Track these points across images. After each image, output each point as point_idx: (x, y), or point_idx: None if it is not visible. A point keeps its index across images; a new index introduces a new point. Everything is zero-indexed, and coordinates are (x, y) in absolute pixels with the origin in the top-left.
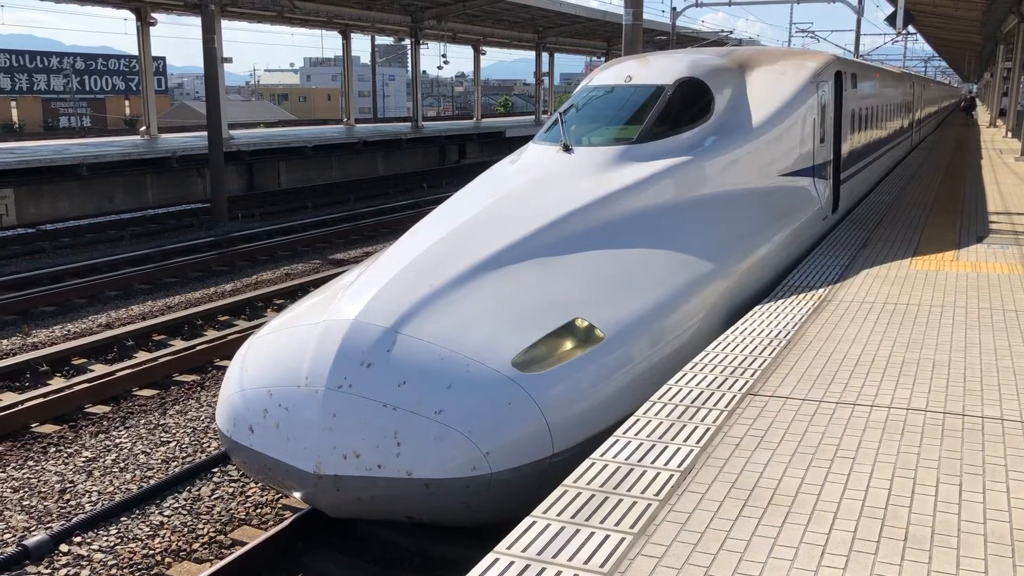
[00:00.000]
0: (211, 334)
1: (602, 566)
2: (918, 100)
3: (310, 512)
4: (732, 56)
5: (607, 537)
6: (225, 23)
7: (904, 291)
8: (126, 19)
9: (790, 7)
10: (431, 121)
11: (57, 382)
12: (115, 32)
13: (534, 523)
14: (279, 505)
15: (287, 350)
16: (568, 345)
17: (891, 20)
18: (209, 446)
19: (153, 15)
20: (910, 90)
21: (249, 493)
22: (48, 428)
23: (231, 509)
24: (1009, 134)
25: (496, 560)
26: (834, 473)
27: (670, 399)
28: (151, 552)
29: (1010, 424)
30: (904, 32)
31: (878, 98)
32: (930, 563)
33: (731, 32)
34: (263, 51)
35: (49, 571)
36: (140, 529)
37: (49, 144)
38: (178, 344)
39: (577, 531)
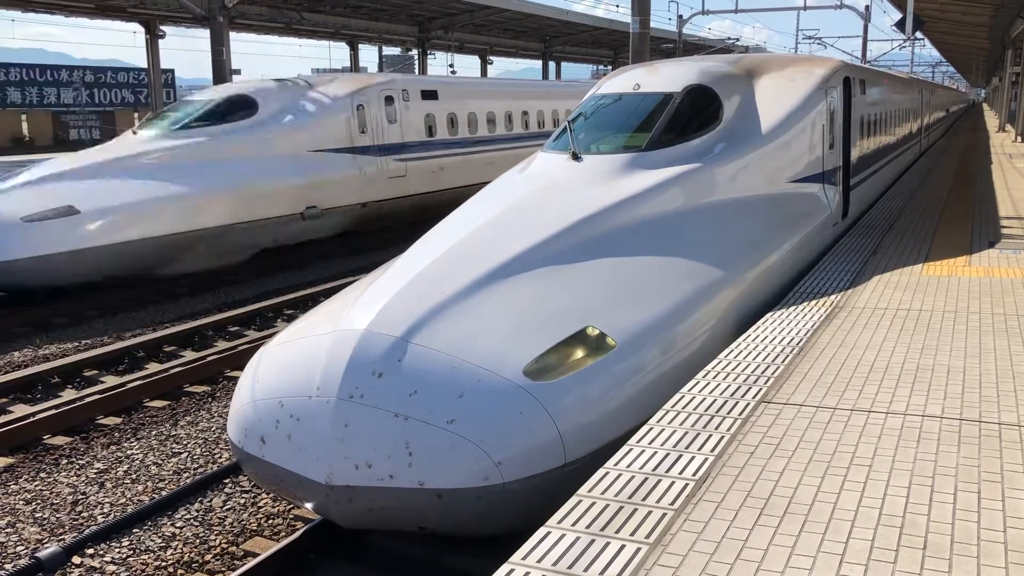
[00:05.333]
0: (222, 345)
1: None
2: (926, 105)
3: (322, 523)
4: (740, 63)
5: (623, 547)
6: (233, 35)
7: (916, 297)
8: (135, 32)
9: (797, 14)
10: None
11: (68, 394)
12: (124, 45)
13: (549, 533)
14: (291, 516)
15: (298, 360)
16: (579, 353)
17: (900, 25)
18: (221, 457)
19: (162, 28)
20: (918, 96)
21: (261, 504)
22: (60, 440)
23: (243, 520)
24: (1019, 139)
25: (511, 571)
26: (850, 481)
27: (683, 407)
28: (163, 564)
29: None
30: (912, 38)
31: (887, 104)
32: (950, 572)
33: (738, 39)
34: (271, 62)
35: None
36: (152, 540)
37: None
38: (189, 355)
39: (593, 541)
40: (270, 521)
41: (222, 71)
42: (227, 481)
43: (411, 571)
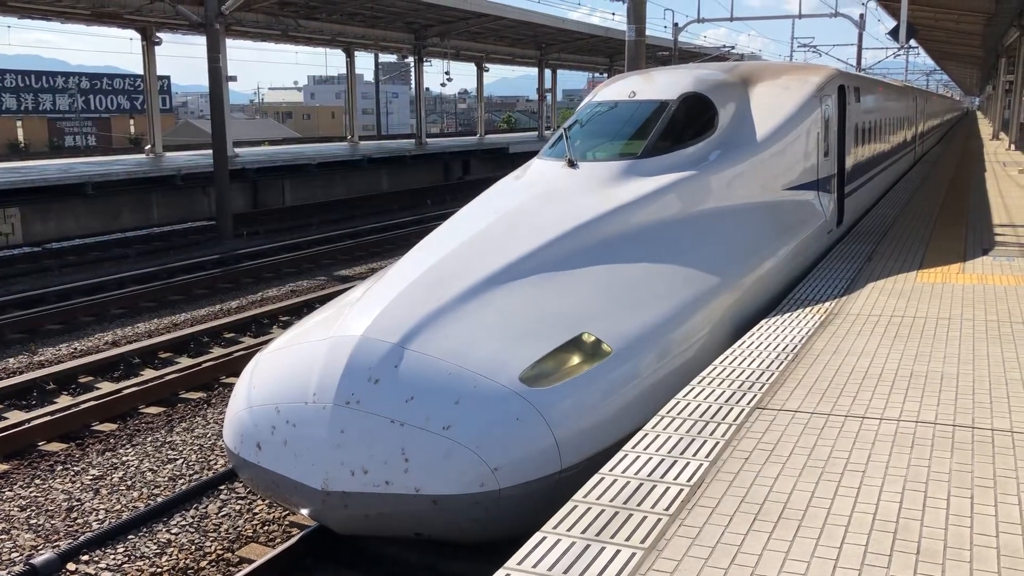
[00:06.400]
0: (217, 351)
1: None
2: (921, 113)
3: (318, 529)
4: (735, 71)
5: (618, 552)
6: (230, 42)
7: (911, 304)
8: (131, 39)
9: (792, 22)
10: (435, 138)
11: (64, 400)
12: (120, 52)
13: (544, 539)
14: (286, 522)
15: (294, 367)
16: (575, 360)
17: (893, 34)
18: (216, 463)
19: (158, 34)
20: (913, 103)
21: (256, 510)
22: (55, 446)
23: (238, 526)
24: (1012, 146)
25: None
26: (844, 486)
27: (678, 413)
28: (159, 570)
29: (1020, 436)
30: (906, 46)
31: (881, 112)
32: None
33: (733, 47)
34: (267, 69)
35: None
36: (147, 547)
37: (55, 163)
38: (184, 361)
39: (588, 546)
40: (266, 527)
41: (218, 78)
42: (223, 487)
43: None
